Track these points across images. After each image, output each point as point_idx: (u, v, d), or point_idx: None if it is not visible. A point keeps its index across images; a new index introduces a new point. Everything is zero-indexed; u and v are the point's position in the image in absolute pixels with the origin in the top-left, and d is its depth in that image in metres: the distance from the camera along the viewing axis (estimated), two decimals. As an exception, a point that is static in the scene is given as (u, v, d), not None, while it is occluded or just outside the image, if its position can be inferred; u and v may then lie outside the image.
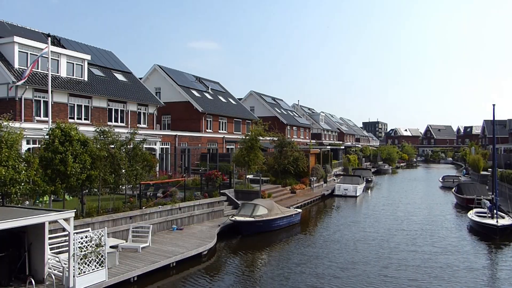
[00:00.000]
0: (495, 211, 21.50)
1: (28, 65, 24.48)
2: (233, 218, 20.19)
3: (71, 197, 17.70)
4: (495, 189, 22.84)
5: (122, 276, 12.38)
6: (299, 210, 24.46)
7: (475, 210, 24.51)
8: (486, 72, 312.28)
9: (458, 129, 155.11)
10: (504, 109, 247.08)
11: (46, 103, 23.68)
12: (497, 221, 20.26)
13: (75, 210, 11.95)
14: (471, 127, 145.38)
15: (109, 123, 28.17)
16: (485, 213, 22.83)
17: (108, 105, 29.35)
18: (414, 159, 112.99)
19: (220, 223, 20.40)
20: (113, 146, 17.16)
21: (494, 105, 23.34)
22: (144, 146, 20.37)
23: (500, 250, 18.30)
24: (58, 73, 26.30)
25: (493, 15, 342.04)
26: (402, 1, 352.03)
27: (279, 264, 15.58)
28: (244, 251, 17.76)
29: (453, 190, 35.55)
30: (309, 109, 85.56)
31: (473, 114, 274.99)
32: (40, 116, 24.27)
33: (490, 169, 40.52)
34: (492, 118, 23.51)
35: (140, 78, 39.50)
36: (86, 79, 28.36)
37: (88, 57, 28.97)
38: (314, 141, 68.64)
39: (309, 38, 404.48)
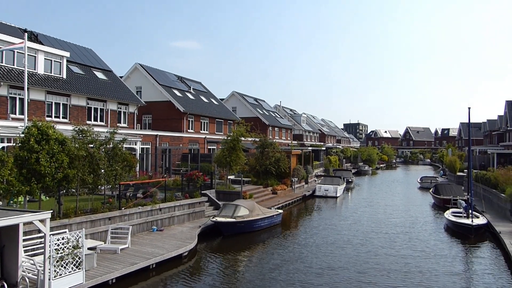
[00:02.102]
0: (470, 211, 22.05)
1: (3, 60, 23.92)
2: (214, 219, 20.09)
3: (47, 198, 17.27)
4: (470, 189, 23.41)
5: (100, 278, 12.15)
6: (280, 211, 24.51)
7: (451, 210, 25.07)
8: (464, 75, 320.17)
9: (436, 131, 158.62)
10: (479, 112, 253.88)
11: (22, 100, 23.12)
12: (472, 221, 20.77)
13: (51, 211, 11.65)
14: (448, 129, 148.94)
15: (88, 122, 27.70)
16: (461, 213, 23.37)
17: (88, 104, 28.82)
18: (394, 160, 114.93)
19: (201, 224, 20.28)
20: (92, 145, 16.84)
21: (469, 108, 23.94)
22: (124, 146, 20.06)
23: (475, 252, 18.48)
24: (35, 69, 25.66)
25: (469, 21, 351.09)
26: (384, 6, 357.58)
27: (255, 268, 15.26)
28: (224, 252, 17.68)
29: (430, 190, 36.28)
30: (291, 110, 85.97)
31: (451, 117, 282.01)
32: (15, 114, 23.63)
33: (466, 170, 41.48)
34: (468, 121, 24.05)
35: (121, 77, 38.97)
36: (64, 76, 27.77)
37: (67, 54, 28.37)
38: (296, 142, 69.07)
39: (292, 40, 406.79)
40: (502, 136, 61.07)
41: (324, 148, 68.32)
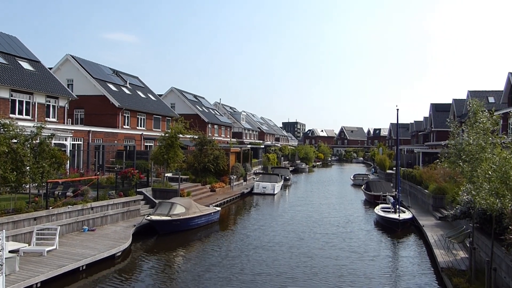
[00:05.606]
0: (397, 206, 23.51)
1: None
2: (148, 218, 19.58)
3: (-38, 197, 15.83)
4: (398, 186, 24.98)
5: (22, 283, 11.34)
6: (218, 209, 24.42)
7: (381, 205, 26.56)
8: (392, 80, 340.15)
9: (369, 131, 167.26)
10: (408, 113, 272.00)
11: None
12: (399, 216, 22.15)
13: (-34, 211, 10.68)
14: (379, 129, 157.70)
15: (11, 115, 25.67)
16: (390, 208, 24.84)
17: (11, 96, 26.72)
18: (329, 158, 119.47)
19: (136, 223, 19.67)
20: (15, 140, 15.66)
21: (398, 109, 25.63)
22: (53, 141, 18.92)
23: (403, 248, 19.22)
24: (-51, 57, 23.34)
25: (394, 27, 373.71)
26: (319, 9, 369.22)
27: (185, 272, 14.61)
28: (159, 251, 17.31)
29: (362, 187, 38.17)
30: (230, 108, 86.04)
31: (383, 117, 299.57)
32: None
33: (394, 168, 44.12)
34: (396, 122, 25.61)
35: (50, 68, 36.61)
36: (-16, 66, 25.52)
37: (-13, 41, 26.11)
38: (235, 139, 69.23)
39: (232, 36, 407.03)
40: (427, 136, 65.73)
41: (263, 146, 69.26)
